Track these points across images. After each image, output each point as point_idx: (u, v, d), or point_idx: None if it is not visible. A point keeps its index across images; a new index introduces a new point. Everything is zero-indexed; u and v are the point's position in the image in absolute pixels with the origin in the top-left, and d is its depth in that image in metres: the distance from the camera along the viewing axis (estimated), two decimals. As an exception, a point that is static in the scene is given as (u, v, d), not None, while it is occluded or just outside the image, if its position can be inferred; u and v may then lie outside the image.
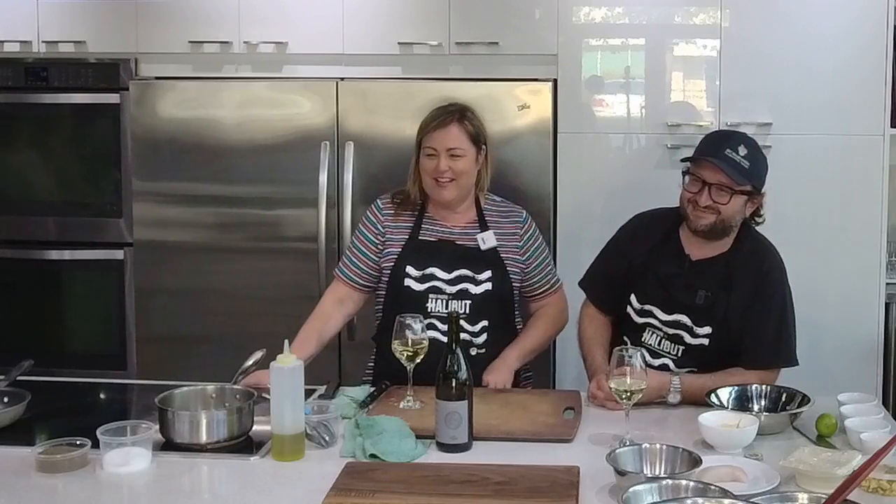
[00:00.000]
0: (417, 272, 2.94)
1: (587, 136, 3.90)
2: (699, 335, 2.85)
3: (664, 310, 2.88)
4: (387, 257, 2.99)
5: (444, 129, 2.91)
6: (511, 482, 2.18)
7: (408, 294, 2.93)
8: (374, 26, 3.95)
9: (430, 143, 2.92)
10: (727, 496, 1.96)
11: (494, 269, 2.95)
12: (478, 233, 2.99)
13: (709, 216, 2.81)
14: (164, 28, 4.05)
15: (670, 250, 2.93)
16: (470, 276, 2.93)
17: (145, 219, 4.03)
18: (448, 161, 2.90)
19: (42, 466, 2.28)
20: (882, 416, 2.54)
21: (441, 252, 2.96)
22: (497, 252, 2.98)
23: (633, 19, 3.87)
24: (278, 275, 3.94)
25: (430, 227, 3.00)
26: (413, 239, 2.98)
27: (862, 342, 3.78)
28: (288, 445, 2.36)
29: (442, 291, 2.93)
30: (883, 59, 3.72)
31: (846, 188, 3.80)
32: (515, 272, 3.00)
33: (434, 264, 2.94)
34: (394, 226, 3.01)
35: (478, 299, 2.92)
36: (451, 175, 2.91)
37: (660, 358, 2.88)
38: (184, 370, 3.67)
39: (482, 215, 3.02)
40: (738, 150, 2.80)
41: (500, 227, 3.02)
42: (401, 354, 2.67)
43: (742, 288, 2.83)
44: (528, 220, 3.06)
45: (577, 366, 3.84)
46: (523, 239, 3.03)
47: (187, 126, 3.97)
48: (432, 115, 2.96)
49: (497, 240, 2.99)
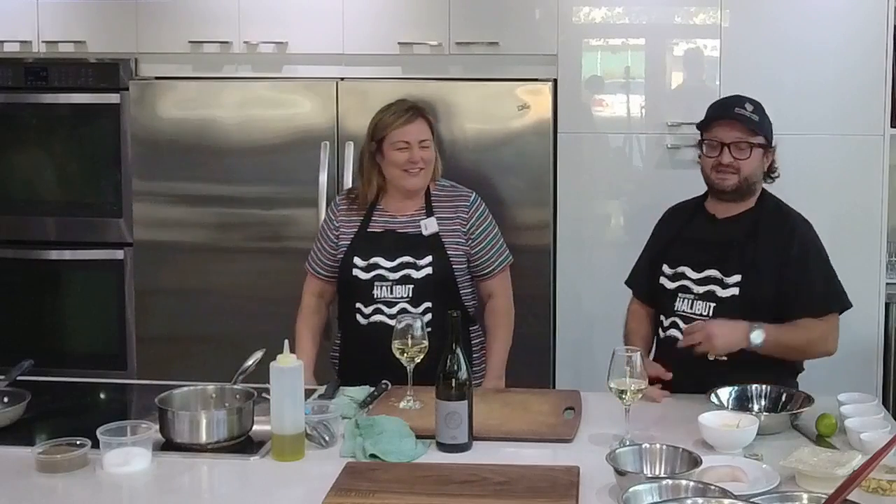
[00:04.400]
0: (363, 262, 3.09)
1: (587, 136, 3.91)
2: (729, 285, 2.88)
3: (694, 268, 2.94)
4: (340, 249, 3.15)
5: (413, 124, 3.10)
6: (511, 482, 2.18)
7: (355, 282, 3.09)
8: (374, 26, 3.95)
9: (402, 137, 3.08)
10: (727, 496, 1.96)
11: (435, 254, 3.08)
12: (422, 219, 3.12)
13: (732, 176, 2.92)
14: (164, 28, 4.05)
15: (698, 218, 3.03)
16: (411, 262, 3.07)
17: (145, 219, 4.03)
18: (420, 152, 3.08)
19: (42, 466, 2.28)
20: (882, 416, 2.54)
21: (385, 241, 3.11)
22: (439, 237, 3.11)
23: (633, 19, 3.87)
24: (278, 275, 3.93)
25: (378, 219, 3.15)
26: (362, 231, 3.14)
27: (862, 342, 3.77)
28: (288, 445, 2.36)
29: (386, 279, 3.07)
30: (883, 60, 3.72)
31: (846, 188, 3.80)
32: (458, 254, 3.12)
33: (378, 254, 3.09)
34: (347, 220, 3.17)
35: (419, 283, 3.06)
36: (422, 164, 3.09)
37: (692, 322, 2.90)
38: (184, 370, 3.67)
39: (429, 202, 3.15)
40: (745, 106, 2.95)
41: (445, 211, 3.14)
42: (401, 355, 2.67)
43: (768, 238, 2.91)
44: (475, 203, 3.17)
45: (577, 366, 3.85)
46: (469, 222, 3.14)
47: (187, 126, 3.97)
48: (395, 113, 3.11)
49: (441, 224, 3.12)
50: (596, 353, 3.60)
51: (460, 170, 3.74)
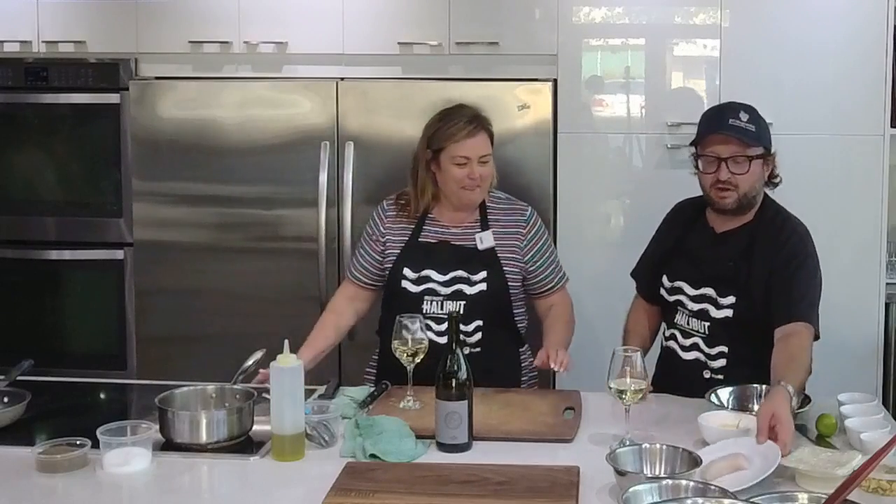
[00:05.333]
0: (414, 274, 2.98)
1: (587, 136, 3.90)
2: (723, 306, 2.86)
3: (691, 284, 2.92)
4: (388, 258, 3.03)
5: (475, 138, 2.95)
6: (511, 482, 2.18)
7: (404, 295, 2.97)
8: (374, 26, 3.95)
9: (461, 153, 2.93)
10: (727, 496, 1.96)
11: (490, 270, 2.97)
12: (477, 232, 3.01)
13: (731, 194, 2.83)
14: (164, 28, 4.05)
15: (698, 228, 2.98)
16: (465, 276, 2.96)
17: (145, 219, 4.03)
18: (480, 168, 2.94)
19: (42, 466, 2.28)
20: (882, 416, 2.54)
21: (438, 253, 2.99)
22: (494, 252, 2.99)
23: (633, 19, 3.87)
24: (278, 275, 3.94)
25: (430, 229, 3.04)
26: (413, 241, 3.02)
27: (862, 342, 3.77)
28: (288, 445, 2.36)
29: (437, 293, 2.96)
30: (883, 60, 3.72)
31: (846, 188, 3.79)
32: (514, 271, 3.02)
33: (430, 266, 2.97)
34: (396, 227, 3.06)
35: (472, 299, 2.95)
36: (480, 181, 2.96)
37: (691, 338, 2.91)
38: (184, 370, 3.67)
39: (485, 214, 3.04)
40: (739, 116, 2.83)
41: (502, 225, 3.04)
42: (401, 354, 2.67)
43: (763, 255, 2.85)
44: (532, 218, 3.08)
45: (576, 366, 3.84)
46: (526, 238, 3.04)
47: (187, 126, 3.97)
48: (456, 125, 2.96)
49: (497, 239, 3.01)
50: (596, 353, 3.60)
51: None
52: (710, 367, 2.88)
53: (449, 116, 3.00)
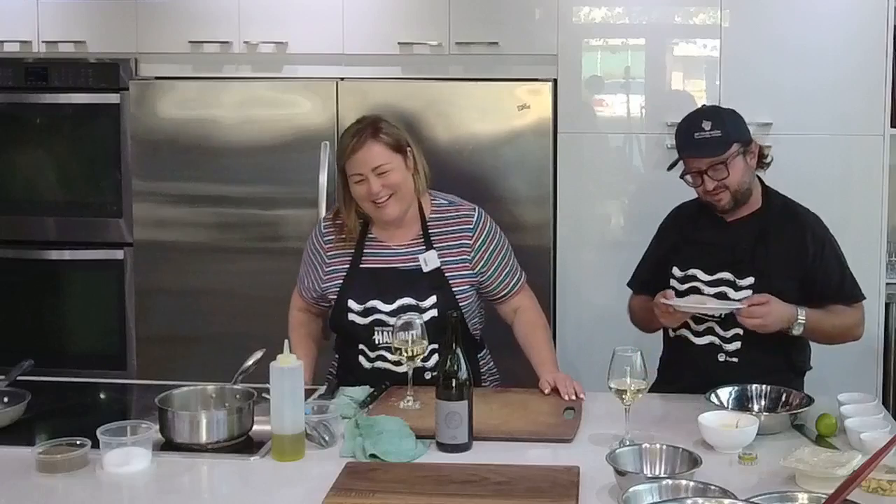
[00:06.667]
0: (359, 306, 2.83)
1: (587, 136, 3.91)
2: (742, 287, 2.87)
3: (706, 271, 2.93)
4: (332, 287, 2.89)
5: (363, 150, 2.75)
6: (511, 482, 2.18)
7: (352, 328, 2.84)
8: (374, 26, 3.95)
9: (355, 169, 2.76)
10: (727, 496, 1.96)
11: (439, 292, 2.82)
12: (421, 252, 2.86)
13: (723, 195, 2.89)
14: (164, 28, 4.05)
15: (706, 219, 3.01)
16: (413, 304, 2.80)
17: (145, 219, 4.03)
18: (378, 180, 2.75)
19: (42, 466, 2.28)
20: (882, 416, 2.54)
21: (381, 281, 2.83)
22: (442, 272, 2.84)
23: (633, 19, 3.87)
24: (278, 275, 3.92)
25: (372, 251, 2.87)
26: (354, 268, 2.86)
27: (862, 342, 3.74)
28: (288, 445, 2.36)
29: (386, 324, 2.80)
30: (883, 60, 3.72)
31: (846, 188, 3.80)
32: (465, 289, 2.86)
33: (375, 296, 2.81)
34: (336, 253, 2.90)
35: (424, 327, 2.68)
36: (387, 192, 2.77)
37: (704, 323, 2.92)
38: (184, 370, 3.67)
39: (426, 229, 2.87)
40: (703, 127, 2.88)
41: (446, 241, 2.87)
42: (401, 354, 2.67)
43: (781, 239, 2.91)
44: (479, 223, 2.89)
45: (577, 366, 3.84)
46: (474, 248, 2.87)
47: (187, 126, 3.97)
48: (343, 140, 2.81)
49: (443, 256, 2.85)
50: (596, 353, 3.59)
51: (460, 170, 3.76)
52: (725, 350, 2.90)
53: (349, 128, 2.82)
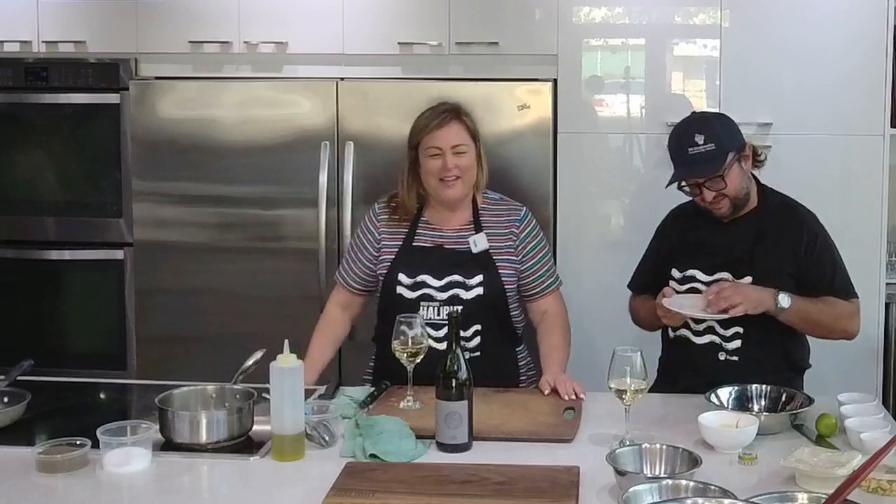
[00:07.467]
0: (409, 280, 2.94)
1: (587, 136, 3.90)
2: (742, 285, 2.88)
3: (705, 271, 2.94)
4: (382, 264, 3.00)
5: (446, 127, 2.92)
6: (511, 482, 2.18)
7: (400, 301, 2.92)
8: (374, 26, 3.95)
9: (434, 143, 2.91)
10: (727, 496, 1.96)
11: (486, 273, 2.93)
12: (471, 235, 2.98)
13: (723, 203, 2.91)
14: (164, 28, 4.05)
15: (703, 221, 3.01)
16: (461, 281, 2.92)
17: (145, 219, 4.03)
18: (454, 158, 2.90)
19: (42, 466, 2.28)
20: (882, 416, 2.54)
21: (433, 258, 2.95)
22: (489, 254, 2.96)
23: (633, 19, 3.87)
24: (278, 275, 3.94)
25: (424, 232, 3.00)
26: (407, 245, 2.98)
27: (862, 342, 3.75)
28: (288, 445, 2.36)
29: (433, 299, 2.92)
30: (883, 59, 3.72)
31: (846, 188, 3.79)
32: (510, 273, 2.98)
33: (425, 271, 2.93)
34: (389, 231, 3.02)
35: (469, 304, 2.90)
36: (458, 172, 2.91)
37: (704, 322, 2.92)
38: (184, 370, 3.67)
39: (477, 215, 3.01)
40: (696, 141, 2.88)
41: (495, 226, 3.00)
42: (401, 354, 2.67)
43: (778, 236, 2.92)
44: (526, 218, 3.04)
45: (577, 366, 3.84)
46: (519, 237, 3.00)
47: (187, 126, 3.97)
48: (428, 116, 2.96)
49: (491, 240, 2.97)
50: (596, 354, 3.60)
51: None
52: (726, 348, 2.91)
53: (425, 111, 2.98)
